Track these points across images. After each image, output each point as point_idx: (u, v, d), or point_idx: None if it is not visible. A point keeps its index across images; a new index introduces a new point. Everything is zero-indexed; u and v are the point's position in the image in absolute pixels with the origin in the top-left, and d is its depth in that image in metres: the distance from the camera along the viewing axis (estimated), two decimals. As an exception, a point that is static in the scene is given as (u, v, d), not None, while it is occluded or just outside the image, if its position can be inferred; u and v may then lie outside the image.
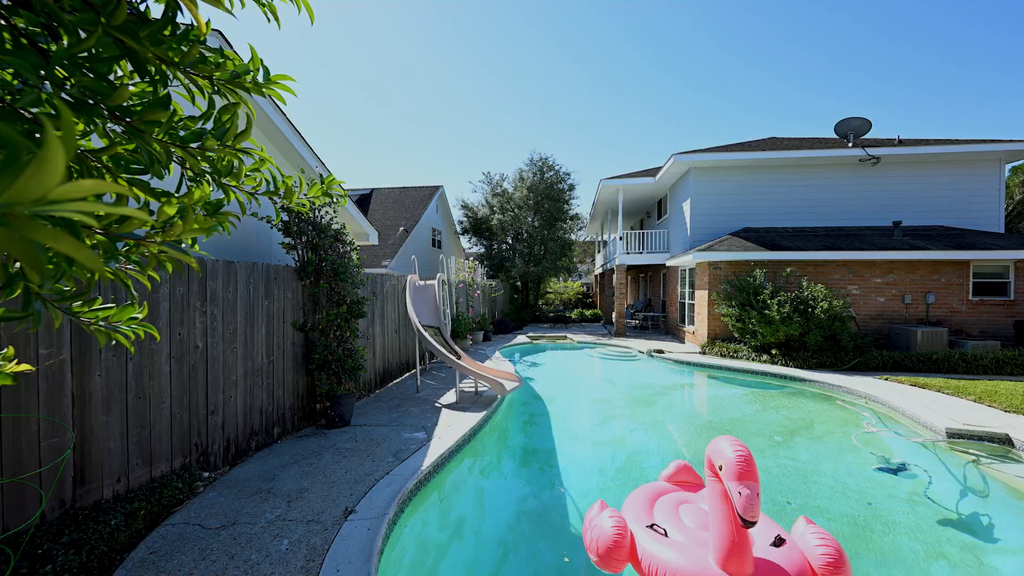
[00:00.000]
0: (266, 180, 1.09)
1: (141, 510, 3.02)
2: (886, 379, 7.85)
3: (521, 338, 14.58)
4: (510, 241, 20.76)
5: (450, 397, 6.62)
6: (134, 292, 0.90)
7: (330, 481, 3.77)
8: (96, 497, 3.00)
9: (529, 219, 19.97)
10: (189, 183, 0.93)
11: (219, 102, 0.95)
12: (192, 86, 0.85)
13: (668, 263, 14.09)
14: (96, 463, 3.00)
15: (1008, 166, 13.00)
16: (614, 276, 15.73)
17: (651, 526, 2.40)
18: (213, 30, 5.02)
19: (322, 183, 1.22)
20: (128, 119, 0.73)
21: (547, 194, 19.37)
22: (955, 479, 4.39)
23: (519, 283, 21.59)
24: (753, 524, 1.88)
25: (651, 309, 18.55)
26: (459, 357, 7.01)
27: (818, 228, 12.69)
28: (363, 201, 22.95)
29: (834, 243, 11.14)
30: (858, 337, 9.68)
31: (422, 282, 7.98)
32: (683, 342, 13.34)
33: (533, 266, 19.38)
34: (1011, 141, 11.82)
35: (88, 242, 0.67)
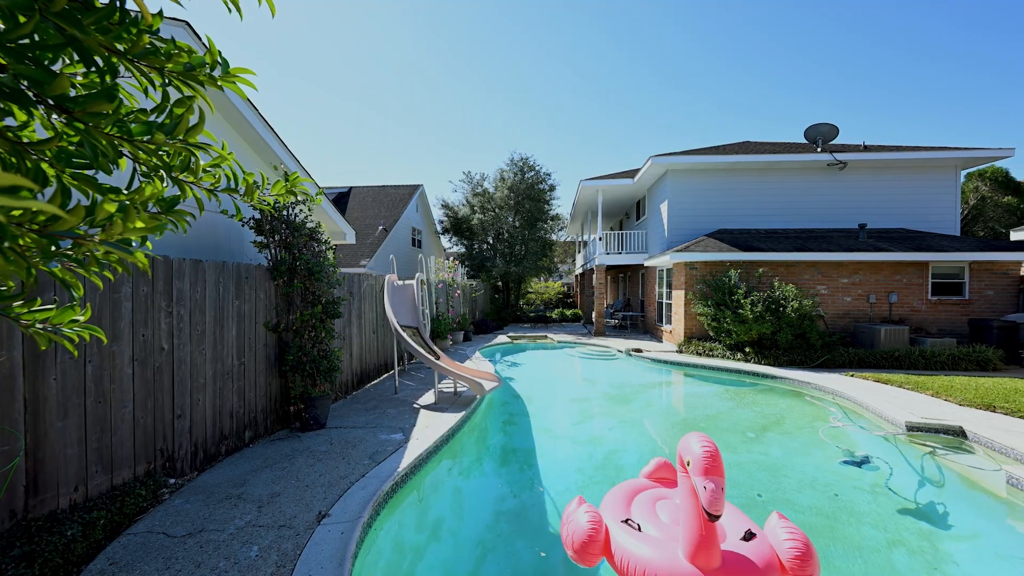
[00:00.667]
0: (227, 176, 1.05)
1: (101, 519, 2.89)
2: (852, 375, 8.16)
3: (502, 338, 14.58)
4: (491, 241, 20.73)
5: (429, 398, 6.57)
6: (74, 293, 0.85)
7: (303, 485, 3.69)
8: (51, 507, 2.85)
9: (510, 219, 19.98)
10: (142, 179, 0.89)
11: (182, 95, 0.91)
12: (143, 78, 0.82)
13: (646, 263, 14.31)
14: (51, 471, 2.86)
15: (963, 172, 13.67)
16: (594, 276, 15.89)
17: (626, 521, 2.44)
18: (182, 21, 4.84)
19: (286, 181, 1.18)
20: (70, 110, 0.69)
21: (528, 194, 19.42)
22: (914, 470, 4.60)
23: (500, 283, 21.58)
24: (717, 517, 1.93)
25: (630, 309, 18.81)
26: (438, 357, 6.96)
27: (789, 230, 13.10)
28: (341, 199, 22.55)
29: (804, 244, 11.52)
30: (826, 335, 10.04)
31: (401, 282, 7.89)
32: (661, 341, 13.58)
33: (514, 266, 19.40)
34: (965, 149, 12.45)
35: (21, 241, 0.63)
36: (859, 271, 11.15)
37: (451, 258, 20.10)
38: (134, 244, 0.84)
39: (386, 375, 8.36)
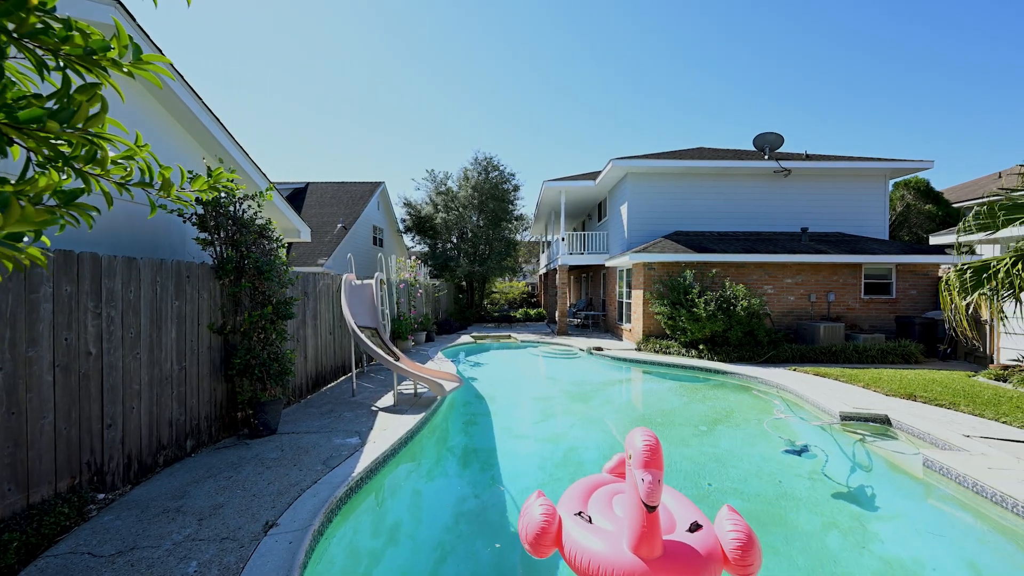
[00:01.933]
0: (141, 170, 0.97)
1: (13, 542, 2.63)
2: (795, 370, 8.69)
3: (465, 338, 14.49)
4: (455, 240, 20.55)
5: (388, 400, 6.43)
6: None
7: (250, 495, 3.51)
8: (-47, 531, 2.57)
9: (474, 218, 19.88)
10: (38, 169, 0.81)
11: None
12: (38, 61, 0.74)
13: (607, 263, 14.65)
14: (-47, 492, 2.57)
15: (891, 182, 14.87)
16: (557, 276, 16.09)
17: (579, 514, 2.49)
18: (115, 2, 4.48)
19: (209, 175, 1.11)
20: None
21: (492, 194, 19.38)
22: (846, 457, 4.96)
23: (464, 283, 21.42)
24: (654, 508, 2.02)
25: (592, 308, 19.19)
26: (397, 359, 6.82)
27: (739, 232, 13.79)
28: (297, 195, 21.67)
29: (752, 246, 12.16)
30: (772, 332, 10.65)
31: (359, 281, 7.67)
32: (621, 339, 13.94)
33: (478, 266, 19.32)
34: (892, 160, 13.57)
35: None
36: (801, 272, 11.90)
37: (413, 257, 19.78)
38: (26, 240, 0.76)
39: (344, 377, 8.10)
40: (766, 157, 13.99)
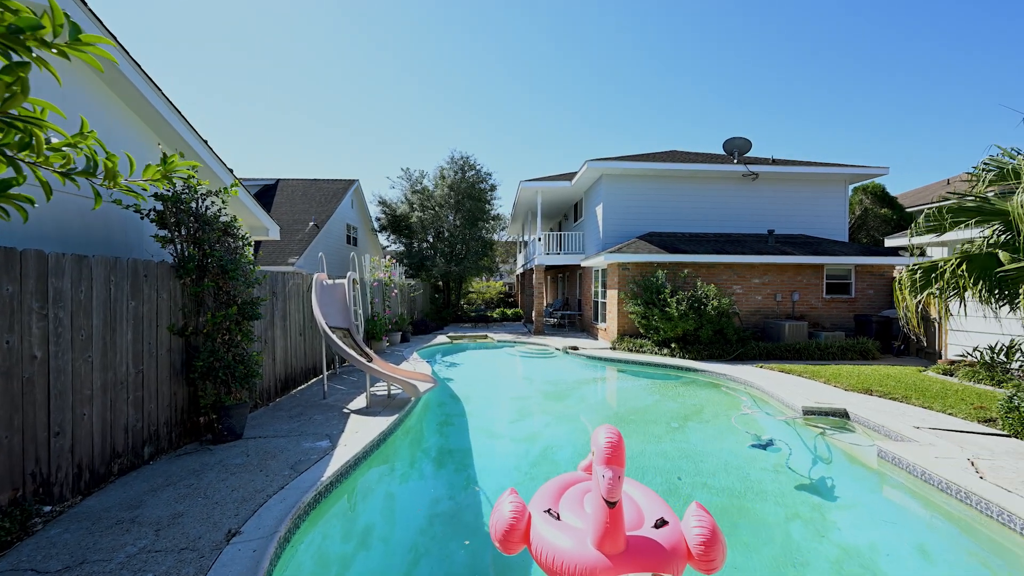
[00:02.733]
0: (87, 158, 0.90)
1: (-54, 561, 2.44)
2: (761, 367, 9.00)
3: (441, 338, 14.36)
4: (431, 240, 20.35)
5: (360, 402, 6.30)
6: None
7: (212, 502, 3.37)
8: None
9: (450, 218, 19.74)
10: (-43, 155, 0.74)
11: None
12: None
13: (583, 264, 14.80)
14: None
15: (851, 186, 15.60)
16: (534, 276, 16.15)
17: (547, 511, 2.50)
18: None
19: (162, 164, 1.05)
20: None
21: (468, 193, 19.29)
22: (808, 450, 5.16)
23: (440, 283, 21.24)
24: (614, 504, 2.05)
25: (569, 308, 19.36)
26: (370, 360, 6.70)
27: (710, 234, 14.18)
28: (267, 192, 21.00)
29: (722, 247, 12.53)
30: (741, 331, 11.00)
31: (331, 281, 7.49)
32: (597, 339, 14.11)
33: (454, 265, 19.19)
34: (852, 166, 14.24)
35: None
36: (768, 272, 12.33)
37: (388, 256, 19.49)
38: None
39: (315, 380, 7.90)
40: (735, 161, 14.44)
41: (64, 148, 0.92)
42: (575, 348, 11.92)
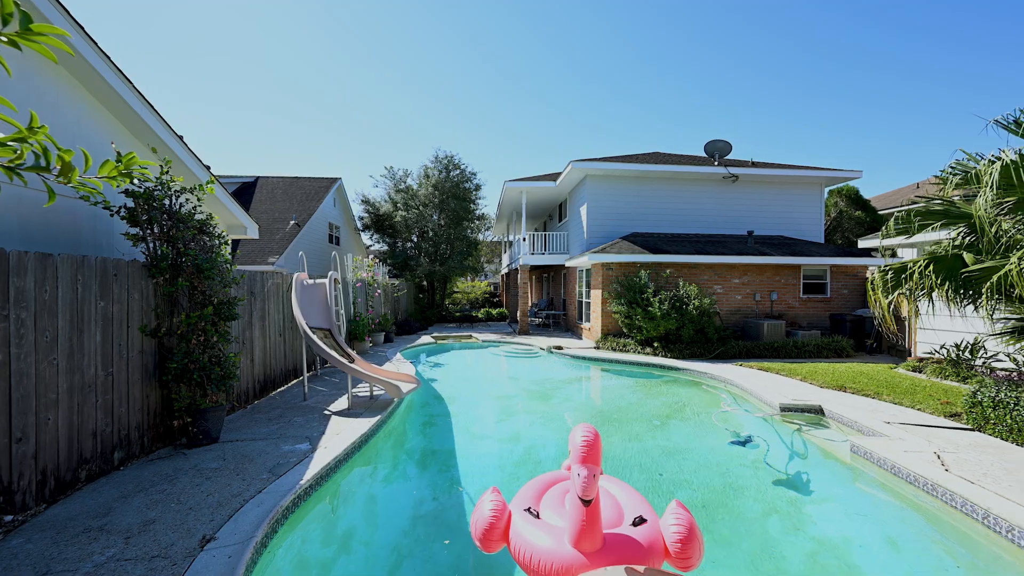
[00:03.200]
0: (36, 153, 0.86)
1: None
2: (741, 365, 9.18)
3: (425, 339, 14.26)
4: (415, 239, 20.18)
5: (342, 403, 6.20)
6: None
7: (186, 508, 3.27)
8: None
9: (435, 217, 19.61)
10: None
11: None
12: None
13: (568, 264, 14.88)
14: None
15: (827, 189, 16.05)
16: (519, 276, 16.16)
17: (527, 510, 2.50)
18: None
19: (119, 160, 1.00)
20: None
21: (453, 192, 19.19)
22: (785, 446, 5.29)
23: (425, 282, 21.08)
24: (589, 502, 2.07)
25: (553, 308, 19.43)
26: (352, 360, 6.60)
27: (691, 234, 14.41)
28: (246, 190, 20.53)
29: (703, 248, 12.75)
30: (721, 330, 11.21)
31: (312, 280, 7.36)
32: (581, 338, 14.20)
33: (439, 265, 19.08)
34: (827, 169, 14.65)
35: None
36: (748, 272, 12.60)
37: (372, 256, 19.26)
38: None
39: (295, 381, 7.75)
40: (716, 163, 14.71)
41: (11, 143, 0.87)
42: (559, 348, 11.97)
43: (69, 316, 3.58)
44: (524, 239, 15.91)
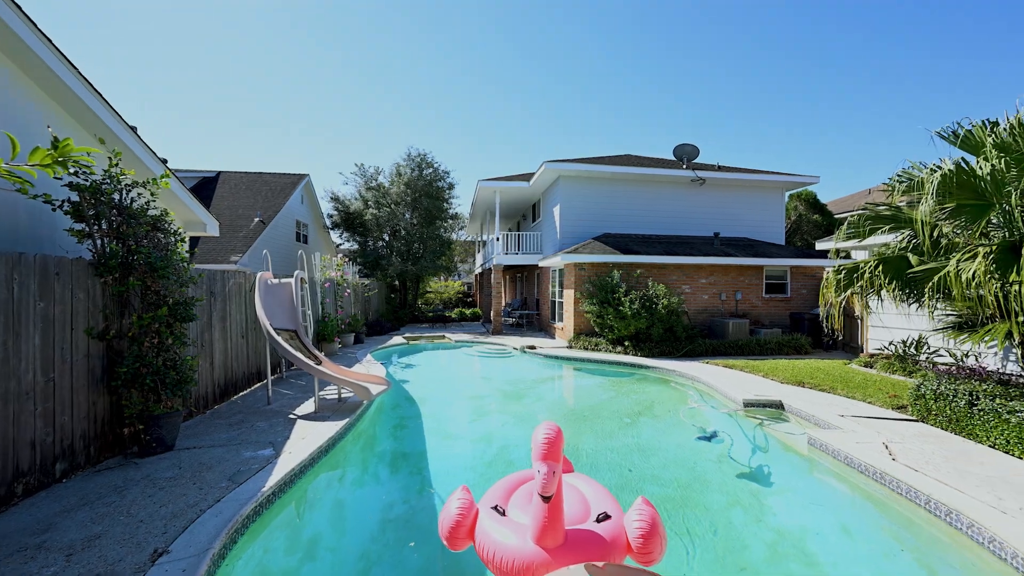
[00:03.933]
0: None
1: None
2: (707, 363, 9.47)
3: (397, 339, 14.03)
4: (387, 238, 19.82)
5: (308, 407, 6.01)
6: None
7: (136, 521, 3.08)
8: None
9: (407, 216, 19.32)
10: None
11: None
12: None
13: (541, 264, 14.96)
14: None
15: (787, 193, 16.79)
16: (492, 276, 16.13)
17: (495, 508, 2.50)
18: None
19: (53, 147, 0.93)
20: None
21: (426, 191, 18.96)
22: (748, 440, 5.48)
23: (397, 282, 20.73)
24: (549, 499, 2.10)
25: (527, 307, 19.50)
26: (319, 362, 6.41)
27: (661, 236, 14.77)
28: (207, 185, 19.64)
29: (672, 249, 13.09)
30: (689, 328, 11.53)
31: (276, 280, 7.10)
32: (554, 338, 14.30)
33: (411, 265, 18.81)
34: (788, 174, 15.33)
35: None
36: (714, 273, 13.01)
37: (341, 255, 18.80)
38: None
39: (259, 384, 7.46)
40: (684, 166, 15.14)
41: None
42: (533, 347, 12.02)
43: (3, 318, 3.31)
44: (498, 239, 15.90)
